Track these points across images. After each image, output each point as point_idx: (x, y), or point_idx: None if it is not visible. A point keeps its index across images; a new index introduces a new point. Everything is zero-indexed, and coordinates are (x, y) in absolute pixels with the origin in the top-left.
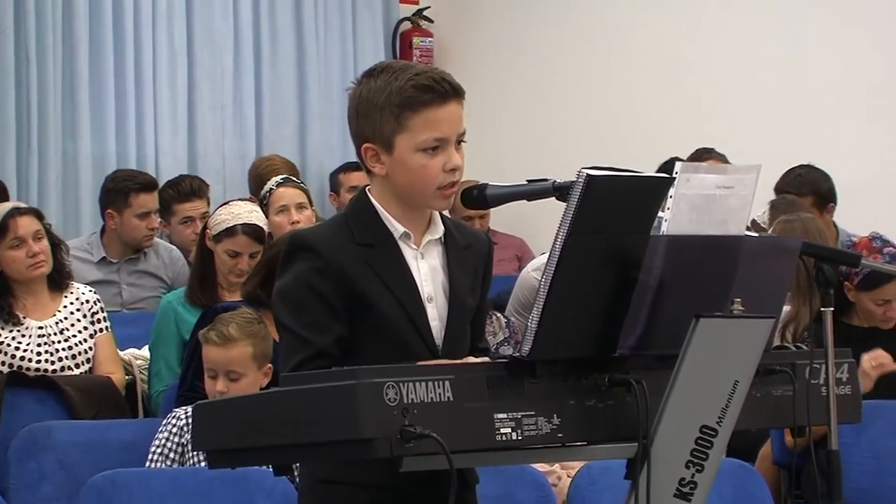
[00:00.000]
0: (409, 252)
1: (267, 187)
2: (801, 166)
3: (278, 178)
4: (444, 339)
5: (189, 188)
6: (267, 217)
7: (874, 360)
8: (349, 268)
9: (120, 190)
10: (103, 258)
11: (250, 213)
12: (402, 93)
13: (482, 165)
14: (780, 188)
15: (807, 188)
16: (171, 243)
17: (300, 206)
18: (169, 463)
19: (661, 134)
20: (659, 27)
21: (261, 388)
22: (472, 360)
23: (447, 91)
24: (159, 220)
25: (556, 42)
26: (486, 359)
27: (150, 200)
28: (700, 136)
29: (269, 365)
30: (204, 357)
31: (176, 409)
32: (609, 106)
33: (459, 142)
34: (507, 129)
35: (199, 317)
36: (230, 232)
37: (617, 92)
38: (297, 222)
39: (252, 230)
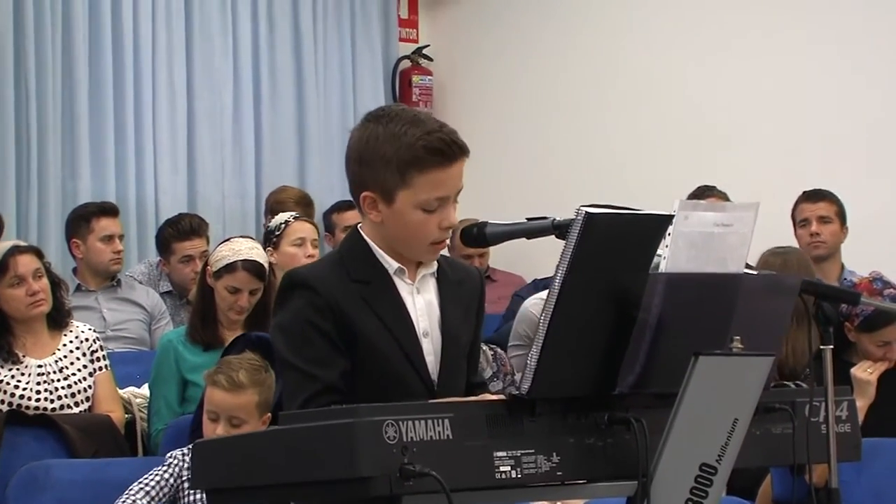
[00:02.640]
0: (404, 287)
1: (282, 219)
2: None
3: (293, 213)
4: (439, 374)
5: (188, 227)
6: (277, 248)
7: (865, 367)
8: (345, 305)
9: (81, 217)
10: (79, 286)
11: (251, 250)
12: (411, 150)
13: (481, 203)
14: (801, 199)
15: (831, 196)
16: (171, 282)
17: (315, 243)
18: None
19: (662, 172)
20: (660, 65)
21: None
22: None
23: (454, 153)
24: (158, 258)
25: (555, 80)
26: (492, 396)
27: (111, 224)
28: (701, 175)
29: (269, 414)
30: (207, 399)
31: (174, 451)
32: (609, 144)
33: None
34: (507, 167)
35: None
36: (230, 268)
37: (617, 130)
38: (312, 256)
39: (252, 266)
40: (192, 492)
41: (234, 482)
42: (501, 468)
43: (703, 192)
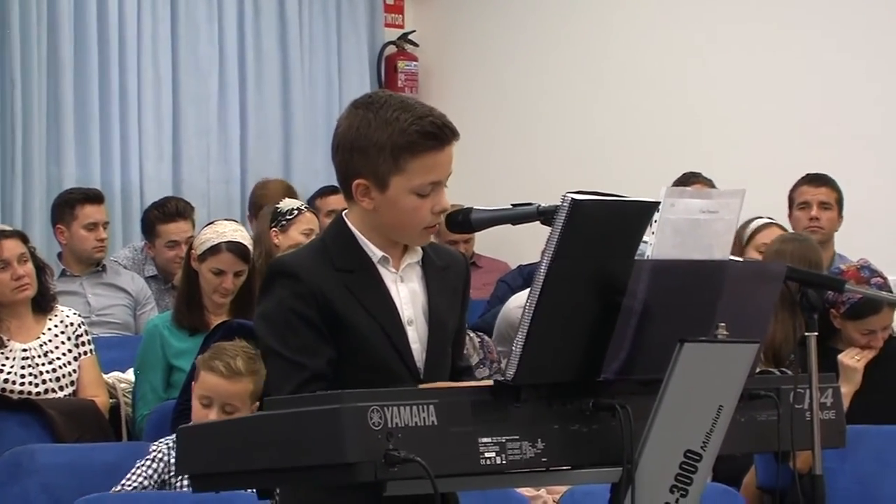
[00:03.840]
0: (388, 276)
1: (295, 204)
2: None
3: (303, 203)
4: (425, 361)
5: (174, 209)
6: (284, 232)
7: (853, 354)
8: (330, 293)
9: (66, 203)
10: (63, 271)
11: (235, 232)
12: (404, 135)
13: (467, 189)
14: (802, 182)
15: (833, 183)
16: (156, 266)
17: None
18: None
19: (649, 158)
20: (647, 52)
21: None
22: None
23: (447, 137)
24: (143, 242)
25: (542, 66)
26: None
27: (96, 212)
28: (687, 161)
29: (257, 403)
30: (201, 384)
31: (157, 444)
32: (595, 130)
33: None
34: (493, 154)
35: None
36: (215, 250)
37: (603, 116)
38: None
39: (236, 248)
40: (180, 478)
41: (219, 467)
42: (486, 454)
43: (689, 179)
